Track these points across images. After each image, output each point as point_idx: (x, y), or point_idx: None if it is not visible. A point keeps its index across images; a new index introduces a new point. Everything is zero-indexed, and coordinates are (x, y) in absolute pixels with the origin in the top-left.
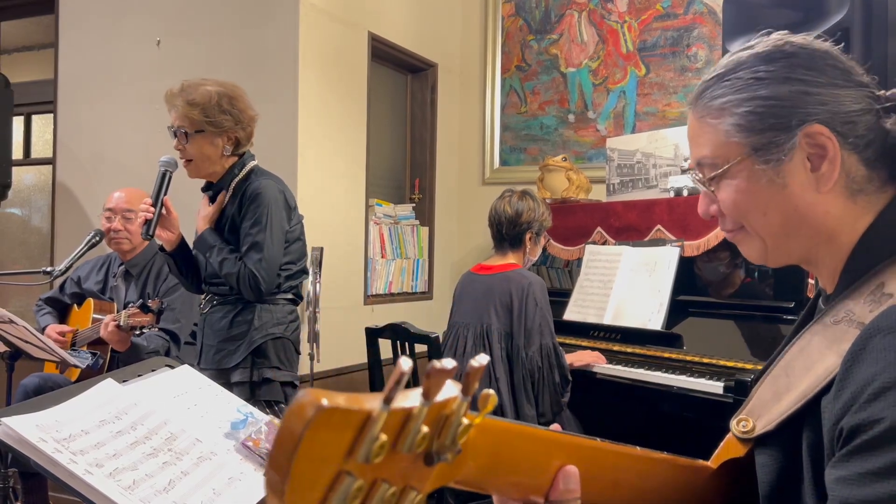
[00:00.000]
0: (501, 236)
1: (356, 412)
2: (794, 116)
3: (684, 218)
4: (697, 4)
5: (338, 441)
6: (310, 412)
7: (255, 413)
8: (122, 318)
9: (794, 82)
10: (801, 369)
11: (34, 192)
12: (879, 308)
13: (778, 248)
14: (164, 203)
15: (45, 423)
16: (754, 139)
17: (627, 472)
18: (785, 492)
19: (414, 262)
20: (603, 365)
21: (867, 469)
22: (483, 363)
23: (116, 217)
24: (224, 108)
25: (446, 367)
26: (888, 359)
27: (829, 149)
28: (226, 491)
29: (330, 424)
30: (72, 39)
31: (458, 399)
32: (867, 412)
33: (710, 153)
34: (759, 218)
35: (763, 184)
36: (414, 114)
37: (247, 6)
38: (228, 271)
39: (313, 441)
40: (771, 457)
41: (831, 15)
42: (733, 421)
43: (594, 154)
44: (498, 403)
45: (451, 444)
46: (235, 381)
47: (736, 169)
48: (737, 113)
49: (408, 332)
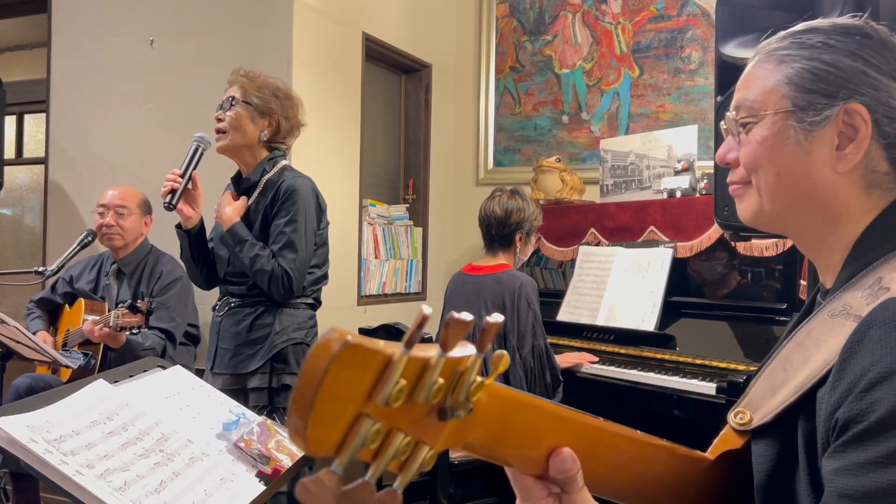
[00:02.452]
0: (491, 237)
1: (379, 353)
2: (844, 89)
3: (677, 219)
4: (691, 6)
5: (360, 381)
6: (335, 347)
7: (246, 414)
8: (112, 318)
9: (857, 59)
10: (798, 362)
11: (26, 191)
12: (876, 301)
13: (775, 212)
14: (192, 177)
15: (35, 424)
16: (799, 96)
17: (629, 455)
18: (779, 482)
19: (408, 262)
20: (592, 365)
21: (865, 459)
22: (499, 321)
23: (109, 213)
24: (278, 96)
25: (465, 319)
26: (884, 349)
27: (861, 132)
28: (217, 491)
29: (353, 363)
30: (64, 39)
31: (472, 356)
32: (863, 402)
33: (754, 97)
34: (771, 175)
35: (790, 143)
36: (408, 114)
37: (240, 6)
38: (261, 268)
39: (337, 378)
40: (767, 447)
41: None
42: (731, 413)
43: (588, 155)
44: None
45: (465, 401)
46: (253, 387)
47: (771, 119)
48: (795, 67)
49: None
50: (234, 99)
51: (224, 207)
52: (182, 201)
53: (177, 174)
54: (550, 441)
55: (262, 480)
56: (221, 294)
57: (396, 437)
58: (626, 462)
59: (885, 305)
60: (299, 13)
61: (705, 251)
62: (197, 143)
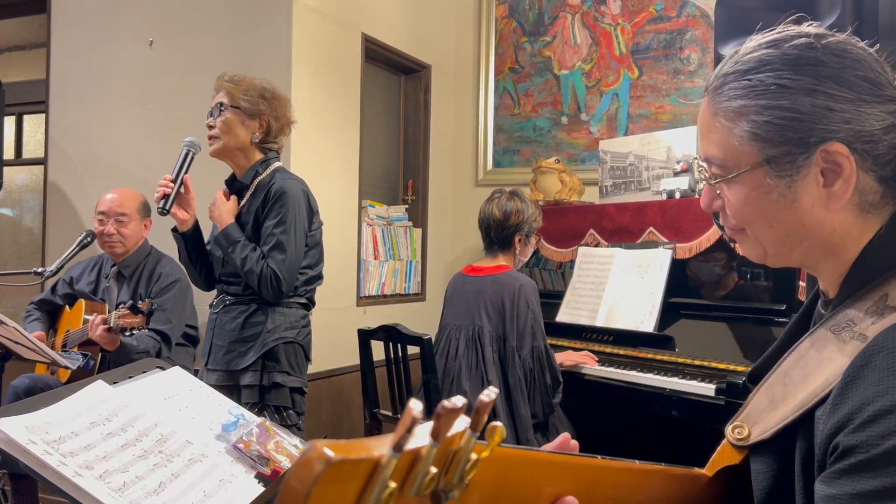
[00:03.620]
0: (491, 239)
1: (365, 461)
2: (814, 133)
3: (677, 220)
4: (690, 7)
5: (346, 492)
6: (318, 468)
7: (246, 415)
8: (112, 318)
9: (818, 95)
10: (798, 378)
11: (26, 192)
12: (882, 320)
13: (778, 255)
14: (184, 181)
15: (34, 425)
16: (769, 151)
17: (626, 487)
18: (779, 500)
19: (407, 263)
20: (593, 366)
21: (858, 490)
22: (493, 397)
23: (109, 220)
24: (265, 96)
25: (457, 406)
26: (890, 380)
27: (846, 168)
28: (217, 493)
29: (338, 478)
30: (64, 39)
31: (466, 434)
32: (865, 433)
33: (721, 155)
34: (764, 228)
35: (773, 197)
36: (407, 115)
37: (240, 6)
38: (250, 269)
39: (321, 498)
40: (766, 465)
41: (823, 18)
42: (728, 427)
43: (587, 156)
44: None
45: (459, 482)
46: (245, 384)
47: (746, 177)
48: (754, 120)
49: (400, 333)
50: (222, 105)
51: (218, 208)
52: (176, 205)
53: (169, 179)
54: (549, 491)
55: (261, 482)
56: (218, 292)
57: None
58: (625, 495)
59: (893, 331)
60: (298, 14)
61: (704, 252)
62: (187, 148)
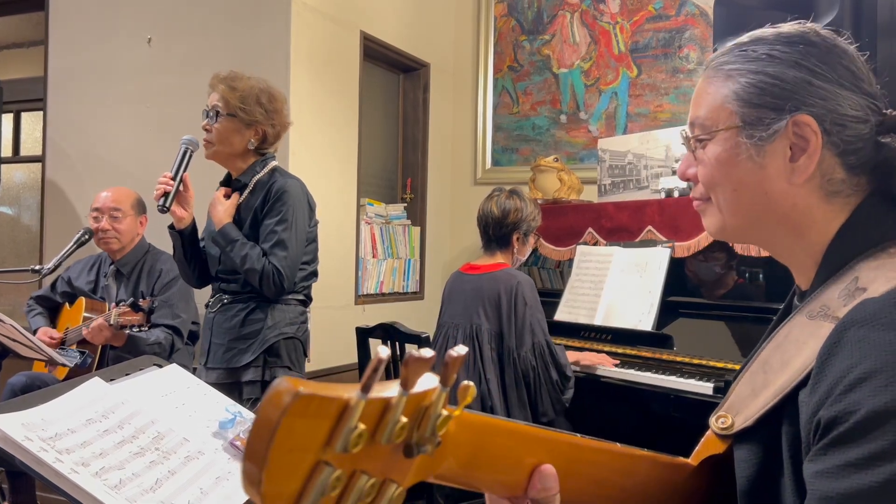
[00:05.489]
0: (489, 237)
1: (334, 400)
2: (791, 101)
3: (675, 219)
4: (689, 6)
5: (315, 430)
6: (286, 399)
7: (243, 412)
8: (113, 316)
9: (802, 69)
10: (777, 364)
11: (23, 189)
12: (853, 302)
13: (738, 227)
14: (183, 179)
15: (30, 422)
16: (747, 111)
17: (608, 469)
18: (763, 487)
19: (405, 261)
20: (610, 368)
21: (846, 461)
22: (462, 353)
23: (104, 217)
24: (261, 102)
25: (424, 356)
26: (863, 350)
27: (812, 143)
28: (213, 490)
29: (307, 412)
30: (62, 37)
31: (437, 390)
32: (843, 403)
33: (705, 114)
34: (728, 191)
35: (742, 158)
36: (406, 113)
37: (238, 5)
38: (251, 267)
39: (290, 429)
40: (750, 452)
41: (821, 16)
42: (712, 418)
43: (586, 155)
44: (489, 405)
45: (431, 436)
46: (247, 380)
47: (722, 136)
48: (740, 82)
49: (399, 331)
50: (218, 111)
51: (216, 206)
52: (174, 203)
53: (168, 177)
54: (529, 462)
55: None
56: (214, 291)
57: (360, 479)
58: (607, 476)
59: (862, 306)
60: (297, 12)
61: (703, 251)
62: (185, 146)
